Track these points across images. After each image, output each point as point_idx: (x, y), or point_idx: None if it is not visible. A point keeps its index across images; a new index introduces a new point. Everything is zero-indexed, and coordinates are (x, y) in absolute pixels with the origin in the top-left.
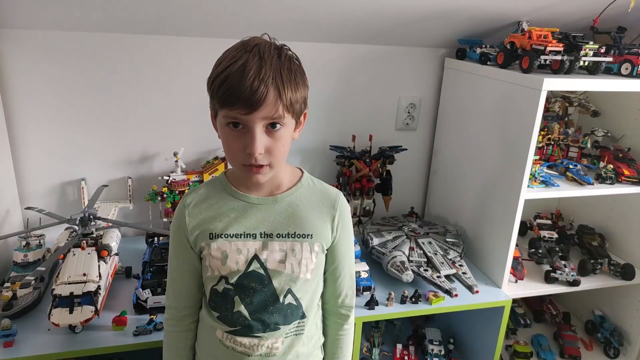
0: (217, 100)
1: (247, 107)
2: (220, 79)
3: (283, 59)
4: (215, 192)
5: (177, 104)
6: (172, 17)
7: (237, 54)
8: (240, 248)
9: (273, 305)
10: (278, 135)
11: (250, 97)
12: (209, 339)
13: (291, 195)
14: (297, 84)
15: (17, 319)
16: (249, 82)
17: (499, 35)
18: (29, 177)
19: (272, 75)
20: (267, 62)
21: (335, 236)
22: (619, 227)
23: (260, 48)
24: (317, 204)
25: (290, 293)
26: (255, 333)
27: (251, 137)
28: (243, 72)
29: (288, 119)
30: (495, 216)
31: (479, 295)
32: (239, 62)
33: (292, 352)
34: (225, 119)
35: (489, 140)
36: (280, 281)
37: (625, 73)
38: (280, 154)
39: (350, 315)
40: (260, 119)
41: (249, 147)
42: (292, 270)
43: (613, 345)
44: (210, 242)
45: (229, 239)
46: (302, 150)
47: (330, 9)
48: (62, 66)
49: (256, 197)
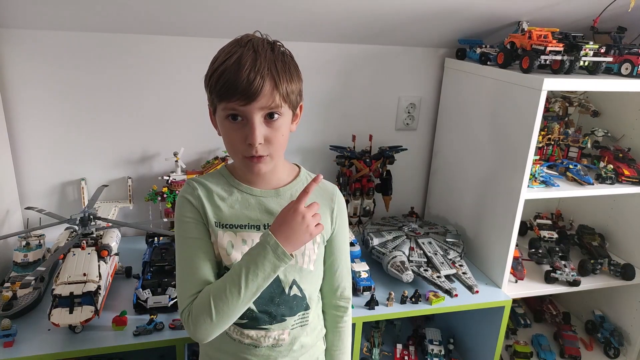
0: (216, 95)
1: (245, 98)
2: (217, 73)
3: (276, 52)
4: (219, 183)
5: (177, 104)
6: (172, 17)
7: (232, 49)
8: (245, 239)
9: (279, 297)
10: (277, 125)
11: (247, 88)
12: None
13: (292, 188)
14: (291, 75)
15: (17, 319)
16: (245, 73)
17: (499, 35)
18: (29, 177)
19: (267, 66)
20: (261, 55)
21: (334, 228)
22: (619, 227)
23: (254, 43)
24: (316, 197)
25: (295, 284)
26: (262, 325)
27: (250, 127)
28: (239, 64)
29: (285, 109)
30: (495, 216)
31: (479, 295)
32: (234, 57)
33: (297, 343)
34: (225, 112)
35: (489, 140)
36: (285, 272)
37: (625, 73)
38: (280, 144)
39: (349, 307)
40: (259, 109)
41: (249, 137)
42: (295, 261)
43: (613, 345)
44: (217, 230)
45: (234, 229)
46: (302, 150)
47: (330, 9)
48: (62, 66)
49: (259, 189)
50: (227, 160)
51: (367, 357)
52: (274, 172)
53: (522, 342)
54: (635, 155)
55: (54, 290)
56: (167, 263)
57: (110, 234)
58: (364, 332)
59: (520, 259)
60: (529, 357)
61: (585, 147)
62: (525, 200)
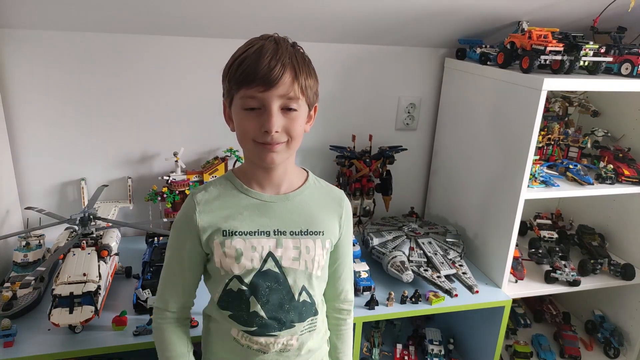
0: (235, 82)
1: (265, 84)
2: (237, 61)
3: (296, 49)
4: (226, 190)
5: (177, 104)
6: (172, 17)
7: (253, 41)
8: (254, 245)
9: (289, 304)
10: (294, 116)
11: (268, 74)
12: (222, 337)
13: (301, 193)
14: (310, 71)
15: (17, 319)
16: (267, 60)
17: (499, 35)
18: (29, 177)
19: (288, 57)
20: (282, 46)
21: (341, 233)
22: (619, 227)
23: (275, 38)
24: (325, 202)
25: (305, 290)
26: (272, 332)
27: (268, 114)
28: (260, 53)
29: (302, 103)
30: (496, 216)
31: (479, 295)
32: (255, 46)
33: (305, 348)
34: (242, 101)
35: (489, 140)
36: (294, 278)
37: (625, 73)
38: (297, 133)
39: (351, 309)
40: (277, 98)
41: (265, 124)
42: (305, 267)
43: (613, 345)
44: (224, 240)
45: (244, 236)
46: (302, 150)
47: (331, 9)
48: (62, 66)
49: (269, 195)
50: (227, 161)
51: (367, 357)
52: (284, 176)
53: (522, 342)
54: (635, 155)
55: (54, 290)
56: None
57: (110, 234)
58: (364, 332)
59: (520, 259)
60: (529, 357)
61: (585, 147)
62: (525, 200)
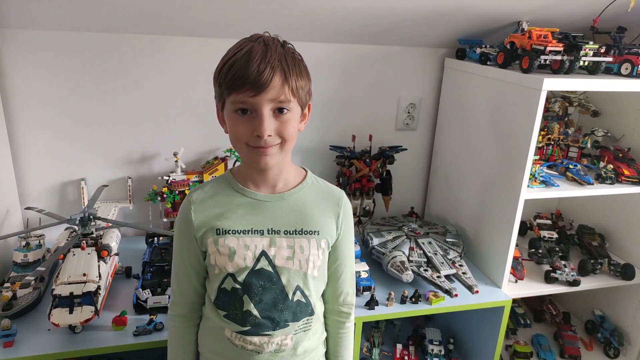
0: (225, 87)
1: (255, 89)
2: (227, 65)
3: (286, 49)
4: (222, 189)
5: (177, 104)
6: (172, 17)
7: (243, 43)
8: (248, 244)
9: (283, 303)
10: (286, 119)
11: (257, 78)
12: (217, 337)
13: (297, 193)
14: (301, 71)
15: (17, 319)
16: (256, 64)
17: (499, 35)
18: (29, 177)
19: (278, 59)
20: (271, 48)
21: (339, 233)
22: (619, 227)
23: (265, 39)
24: (322, 202)
25: (299, 290)
26: (265, 331)
27: (259, 119)
28: (249, 56)
29: (294, 104)
30: (495, 216)
31: (479, 295)
32: (244, 49)
33: (300, 348)
34: (234, 105)
35: (489, 140)
36: (288, 278)
37: (625, 73)
38: (290, 135)
39: (352, 313)
40: (268, 102)
41: (257, 129)
42: (299, 266)
43: (613, 345)
44: (217, 238)
45: (237, 235)
46: (302, 150)
47: (331, 9)
48: (62, 66)
49: (263, 194)
50: (227, 161)
51: (367, 357)
52: (280, 175)
53: (522, 342)
54: (635, 155)
55: (54, 290)
56: (167, 263)
57: (110, 234)
58: (364, 332)
59: (520, 259)
60: (529, 357)
61: (585, 147)
62: (525, 200)
